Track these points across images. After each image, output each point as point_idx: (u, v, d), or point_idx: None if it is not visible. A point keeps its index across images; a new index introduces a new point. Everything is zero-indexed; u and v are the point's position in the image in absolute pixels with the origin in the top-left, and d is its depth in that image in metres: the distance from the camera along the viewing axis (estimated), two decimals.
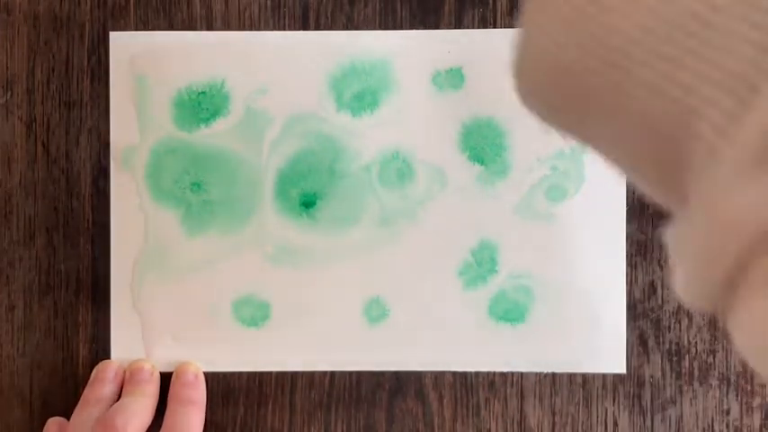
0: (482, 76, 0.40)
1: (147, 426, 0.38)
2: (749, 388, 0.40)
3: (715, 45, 0.16)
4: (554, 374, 0.40)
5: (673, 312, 0.40)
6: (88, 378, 0.40)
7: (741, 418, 0.40)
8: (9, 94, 0.40)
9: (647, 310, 0.40)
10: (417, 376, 0.40)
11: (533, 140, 0.40)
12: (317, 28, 0.40)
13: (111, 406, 0.38)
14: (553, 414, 0.40)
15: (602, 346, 0.40)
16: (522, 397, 0.40)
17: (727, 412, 0.40)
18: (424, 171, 0.40)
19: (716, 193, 0.16)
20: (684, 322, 0.40)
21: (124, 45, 0.40)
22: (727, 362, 0.40)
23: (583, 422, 0.40)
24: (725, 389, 0.40)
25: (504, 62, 0.42)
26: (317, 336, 0.40)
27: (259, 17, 0.40)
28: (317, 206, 0.40)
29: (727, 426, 0.40)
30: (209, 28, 0.40)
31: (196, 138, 0.40)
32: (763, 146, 0.15)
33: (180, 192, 0.40)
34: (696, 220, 0.17)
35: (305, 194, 0.40)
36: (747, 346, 0.17)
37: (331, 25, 0.40)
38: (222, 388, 0.40)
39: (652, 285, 0.40)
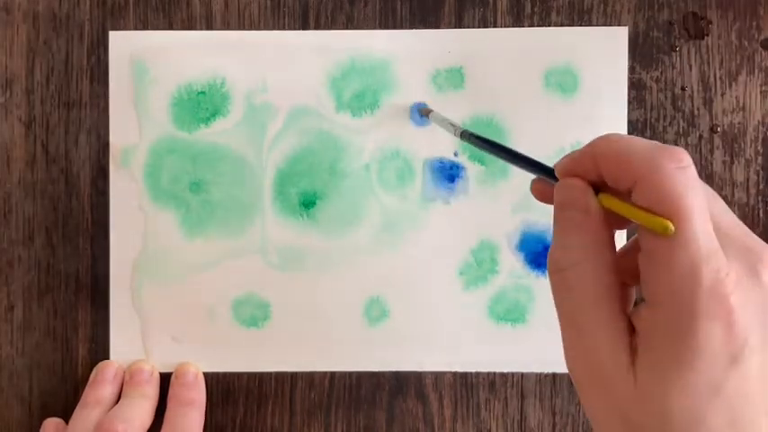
0: (482, 76, 0.40)
1: (147, 428, 0.38)
2: None
3: None
4: (554, 374, 0.40)
5: None
6: (87, 378, 0.40)
7: None
8: (8, 93, 0.40)
9: None
10: (417, 376, 0.40)
11: (534, 140, 0.40)
12: (317, 27, 0.40)
13: (110, 407, 0.38)
14: (553, 414, 0.40)
15: None
16: (522, 397, 0.40)
17: None
18: (424, 171, 0.40)
19: None
20: None
21: (124, 44, 0.40)
22: None
23: (583, 422, 0.40)
24: None
25: (505, 61, 0.42)
26: (317, 336, 0.40)
27: (259, 17, 0.40)
28: (317, 206, 0.40)
29: None
30: (209, 27, 0.40)
31: (196, 137, 0.40)
32: None
33: (179, 192, 0.40)
34: None
35: (304, 194, 0.40)
36: None
37: (331, 25, 0.40)
38: (222, 388, 0.40)
39: None
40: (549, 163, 0.28)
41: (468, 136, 0.32)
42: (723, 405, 0.22)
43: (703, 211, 0.23)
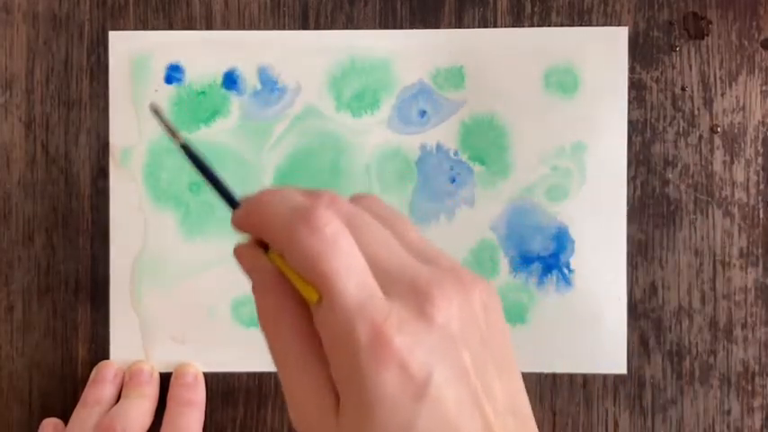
0: (482, 76, 0.40)
1: (146, 428, 0.38)
2: (750, 388, 0.40)
3: None
4: (554, 375, 0.40)
5: (673, 312, 0.40)
6: (87, 378, 0.39)
7: (742, 418, 0.40)
8: (8, 93, 0.40)
9: (648, 310, 0.40)
10: None
11: (534, 140, 0.40)
12: (317, 27, 0.40)
13: (110, 407, 0.38)
14: (554, 414, 0.40)
15: (603, 347, 0.40)
16: None
17: (728, 413, 0.40)
18: (424, 171, 0.40)
19: None
20: (685, 323, 0.40)
21: (123, 45, 0.40)
22: (727, 362, 0.40)
23: (583, 422, 0.40)
24: (726, 389, 0.40)
25: (505, 61, 0.42)
26: None
27: (259, 17, 0.40)
28: None
29: (728, 426, 0.40)
30: (209, 28, 0.40)
31: (196, 137, 0.40)
32: None
33: (179, 192, 0.40)
34: None
35: None
36: None
37: (331, 25, 0.40)
38: (222, 388, 0.40)
39: (653, 285, 0.40)
40: (548, 162, 0.28)
41: (186, 151, 0.31)
42: None
43: (347, 268, 0.22)
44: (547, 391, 0.40)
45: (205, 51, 0.40)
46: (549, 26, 0.40)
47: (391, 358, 0.22)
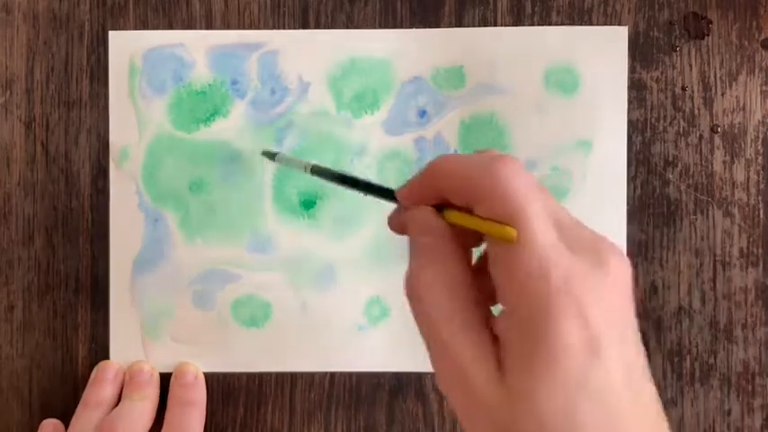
0: (483, 75, 0.40)
1: (147, 429, 0.38)
2: (750, 388, 0.40)
3: None
4: None
5: (674, 313, 0.40)
6: (87, 378, 0.40)
7: (742, 418, 0.40)
8: (8, 93, 0.40)
9: (648, 310, 0.40)
10: (417, 376, 0.40)
11: (534, 140, 0.40)
12: (317, 27, 0.40)
13: (111, 408, 0.38)
14: None
15: None
16: None
17: (729, 413, 0.40)
18: None
19: None
20: (685, 323, 0.40)
21: (123, 44, 0.40)
22: (728, 362, 0.40)
23: None
24: (726, 389, 0.40)
25: (505, 61, 0.42)
26: (317, 336, 0.40)
27: (259, 16, 0.40)
28: (317, 206, 0.40)
29: (729, 426, 0.40)
30: (209, 27, 0.40)
31: (195, 137, 0.40)
32: None
33: (179, 192, 0.40)
34: None
35: (305, 195, 0.40)
36: None
37: (331, 24, 0.40)
38: (222, 388, 0.40)
39: (653, 286, 0.40)
40: (548, 162, 0.28)
41: (318, 171, 0.33)
42: (591, 397, 0.22)
43: (544, 213, 0.23)
44: None
45: (205, 51, 0.40)
46: (549, 26, 0.40)
47: (577, 310, 0.22)
